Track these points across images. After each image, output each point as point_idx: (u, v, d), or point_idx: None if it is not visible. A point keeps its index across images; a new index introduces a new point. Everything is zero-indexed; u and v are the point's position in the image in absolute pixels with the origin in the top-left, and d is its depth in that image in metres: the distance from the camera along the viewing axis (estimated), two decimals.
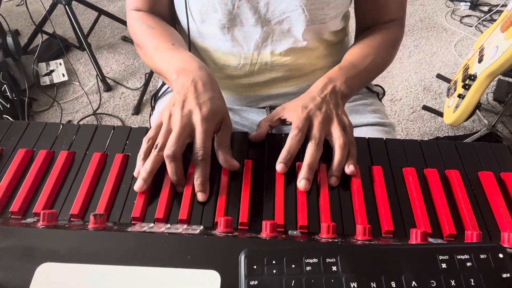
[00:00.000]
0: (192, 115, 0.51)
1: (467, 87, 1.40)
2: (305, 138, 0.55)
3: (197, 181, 0.49)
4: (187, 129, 0.50)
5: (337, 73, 0.62)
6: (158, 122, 0.53)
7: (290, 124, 0.57)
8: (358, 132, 0.76)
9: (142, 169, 0.50)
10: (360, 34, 0.75)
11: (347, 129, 0.56)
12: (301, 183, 0.50)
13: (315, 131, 0.54)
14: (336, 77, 0.61)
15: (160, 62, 0.61)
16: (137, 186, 0.49)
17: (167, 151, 0.49)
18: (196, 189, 0.49)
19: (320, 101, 0.57)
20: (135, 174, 0.51)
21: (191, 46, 0.75)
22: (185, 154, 0.51)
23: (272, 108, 0.80)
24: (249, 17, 0.65)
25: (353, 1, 0.73)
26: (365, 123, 0.77)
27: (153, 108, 0.87)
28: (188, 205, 0.48)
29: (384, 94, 0.89)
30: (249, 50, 0.70)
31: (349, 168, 0.53)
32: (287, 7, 0.64)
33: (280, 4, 0.64)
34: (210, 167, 0.51)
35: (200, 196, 0.49)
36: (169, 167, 0.49)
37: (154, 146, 0.50)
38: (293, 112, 0.57)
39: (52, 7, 1.86)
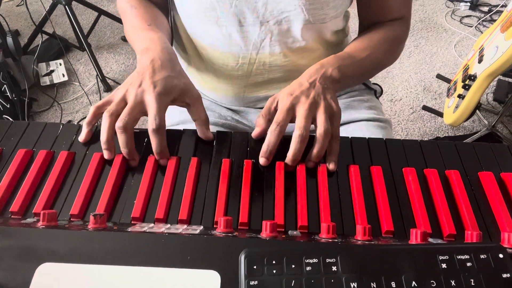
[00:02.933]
0: (145, 93, 0.52)
1: (467, 87, 1.40)
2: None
3: (155, 151, 0.52)
4: (141, 105, 0.52)
5: (331, 59, 0.62)
6: (111, 96, 0.54)
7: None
8: (353, 128, 0.76)
9: (101, 141, 0.52)
10: (361, 32, 0.74)
11: (334, 116, 0.55)
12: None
13: (300, 119, 0.53)
14: (329, 63, 0.60)
15: (133, 40, 0.64)
16: (106, 155, 0.52)
17: (119, 122, 0.50)
18: (157, 157, 0.52)
19: (307, 87, 0.56)
20: (79, 139, 0.55)
21: (190, 45, 0.75)
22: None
23: None
24: (248, 16, 0.65)
25: (354, 1, 0.73)
26: (360, 118, 0.77)
27: None
28: (188, 205, 0.48)
29: (381, 93, 0.89)
30: (247, 50, 0.70)
31: (329, 166, 0.53)
32: (286, 6, 0.63)
33: (278, 3, 0.63)
34: (210, 167, 0.52)
35: (162, 162, 0.53)
36: (120, 138, 0.51)
37: (106, 111, 0.52)
38: (280, 101, 0.56)
39: (52, 7, 1.86)
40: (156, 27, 0.65)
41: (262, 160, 0.53)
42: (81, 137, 0.55)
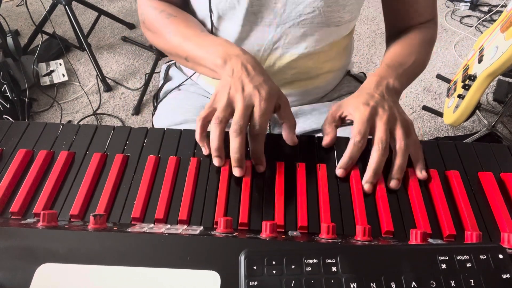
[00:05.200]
0: (252, 97, 0.52)
1: (467, 87, 1.40)
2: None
3: (254, 154, 0.52)
4: (250, 109, 0.52)
5: (387, 71, 0.62)
6: (213, 104, 0.53)
7: (350, 122, 0.56)
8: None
9: (212, 149, 0.51)
10: (392, 38, 0.74)
11: (409, 128, 0.55)
12: (366, 186, 0.51)
13: (381, 133, 0.52)
14: (387, 75, 0.60)
15: (193, 49, 0.62)
16: (217, 162, 0.52)
17: (235, 126, 0.50)
18: (254, 162, 0.52)
19: (379, 98, 0.56)
20: (204, 153, 0.54)
21: None
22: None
23: None
24: (265, 17, 0.65)
25: (362, 9, 0.73)
26: None
27: (155, 108, 0.87)
28: (188, 205, 0.48)
29: None
30: (259, 50, 0.70)
31: (422, 174, 0.53)
32: (304, 9, 0.64)
33: (297, 5, 0.63)
34: (210, 167, 0.52)
35: (259, 169, 0.52)
36: (235, 142, 0.50)
37: (215, 118, 0.51)
38: (354, 110, 0.55)
39: (52, 7, 1.86)
40: (207, 31, 0.65)
41: (340, 172, 0.53)
42: (205, 152, 0.54)
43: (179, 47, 0.64)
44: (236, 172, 0.51)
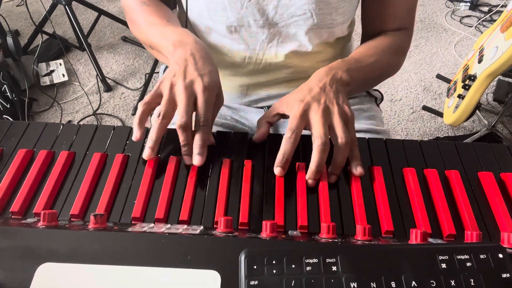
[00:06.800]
0: (194, 85, 0.51)
1: (467, 87, 1.40)
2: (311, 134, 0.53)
3: (197, 144, 0.51)
4: (192, 99, 0.51)
5: (339, 63, 0.60)
6: (157, 90, 0.53)
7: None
8: None
9: (148, 139, 0.52)
10: (366, 41, 0.74)
11: (349, 121, 0.54)
12: (309, 182, 0.51)
13: (318, 129, 0.51)
14: (337, 67, 0.59)
15: (154, 37, 0.62)
16: (146, 154, 0.52)
17: (180, 121, 0.50)
18: (195, 151, 0.51)
19: (318, 92, 0.55)
20: (133, 138, 0.53)
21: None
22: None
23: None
24: (257, 19, 0.65)
25: (359, 9, 0.73)
26: (358, 129, 0.75)
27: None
28: (188, 205, 0.48)
29: (382, 99, 0.88)
30: (254, 49, 0.70)
31: (357, 171, 0.52)
32: (296, 11, 0.64)
33: (289, 8, 0.63)
34: (210, 167, 0.52)
35: (198, 160, 0.51)
36: (183, 137, 0.51)
37: (157, 115, 0.51)
38: (290, 107, 0.55)
39: (52, 7, 1.86)
40: (176, 23, 0.64)
41: (277, 170, 0.51)
42: (135, 137, 0.53)
43: (144, 34, 0.65)
44: (190, 162, 0.52)
